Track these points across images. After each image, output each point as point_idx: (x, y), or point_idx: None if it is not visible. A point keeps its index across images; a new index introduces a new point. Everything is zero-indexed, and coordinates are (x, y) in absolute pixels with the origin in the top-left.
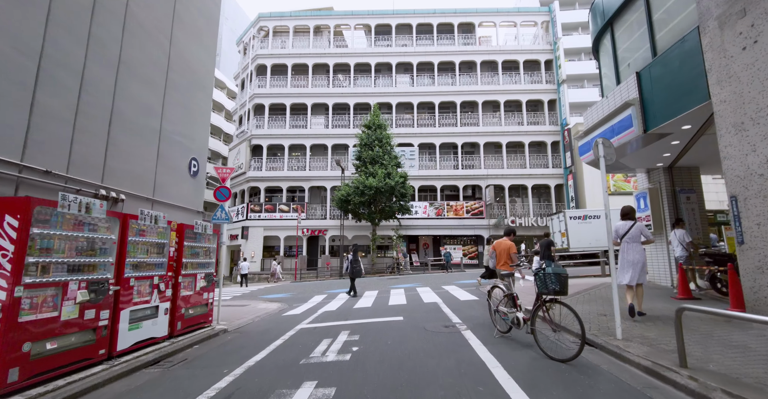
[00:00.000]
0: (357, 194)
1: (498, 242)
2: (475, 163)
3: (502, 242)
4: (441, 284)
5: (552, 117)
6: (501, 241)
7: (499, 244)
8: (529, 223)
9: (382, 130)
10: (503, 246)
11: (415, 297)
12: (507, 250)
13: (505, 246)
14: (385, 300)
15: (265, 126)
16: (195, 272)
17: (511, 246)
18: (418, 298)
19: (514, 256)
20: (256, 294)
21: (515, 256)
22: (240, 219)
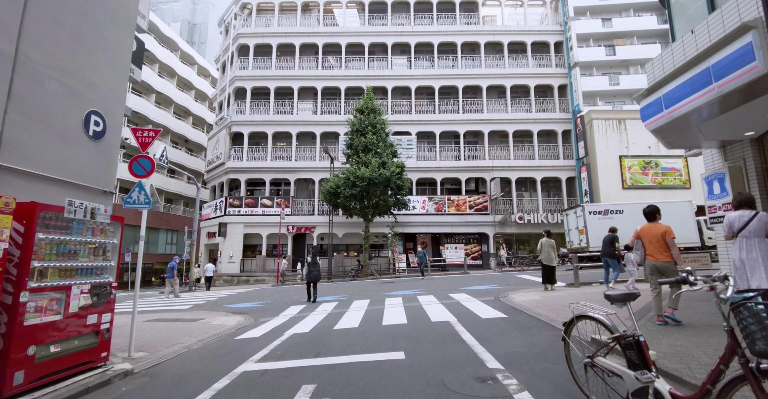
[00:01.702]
0: (348, 186)
1: (644, 227)
2: (479, 154)
3: (653, 227)
4: (447, 291)
5: (562, 104)
6: (650, 226)
7: (649, 230)
8: (538, 219)
9: (377, 115)
10: (655, 231)
11: (417, 312)
12: (662, 236)
13: (658, 231)
14: (378, 316)
15: (246, 111)
16: (66, 283)
17: (667, 230)
18: (422, 313)
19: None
20: (221, 303)
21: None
22: (218, 215)
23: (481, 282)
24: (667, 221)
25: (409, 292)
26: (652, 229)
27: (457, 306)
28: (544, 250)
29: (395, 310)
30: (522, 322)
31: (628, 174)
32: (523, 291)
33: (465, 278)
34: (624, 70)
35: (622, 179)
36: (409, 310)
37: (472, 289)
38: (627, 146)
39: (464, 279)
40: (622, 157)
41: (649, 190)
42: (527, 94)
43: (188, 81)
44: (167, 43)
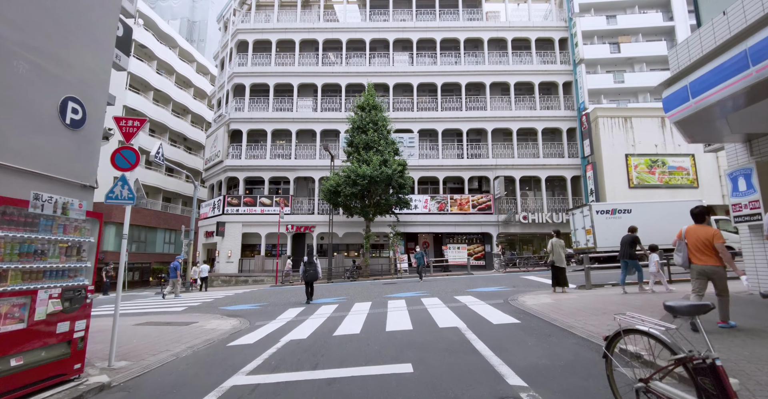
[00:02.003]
0: (348, 184)
1: (691, 229)
2: (482, 152)
3: (700, 229)
4: (452, 293)
5: (567, 101)
6: (696, 228)
7: (695, 231)
8: (542, 219)
9: (378, 112)
10: (703, 234)
11: (423, 316)
12: (710, 239)
13: (706, 233)
14: (381, 320)
15: (245, 108)
16: (32, 287)
17: (716, 233)
18: (428, 317)
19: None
20: (217, 305)
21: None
22: (216, 214)
23: (487, 283)
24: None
25: (413, 294)
26: (699, 231)
27: (465, 310)
28: (554, 251)
29: (399, 313)
30: (537, 328)
31: (634, 173)
32: (532, 293)
33: (469, 279)
34: (629, 68)
35: (628, 178)
36: (414, 314)
37: (479, 291)
38: (633, 144)
39: (468, 280)
40: (629, 156)
41: (656, 189)
42: (531, 92)
43: (187, 78)
44: (165, 39)
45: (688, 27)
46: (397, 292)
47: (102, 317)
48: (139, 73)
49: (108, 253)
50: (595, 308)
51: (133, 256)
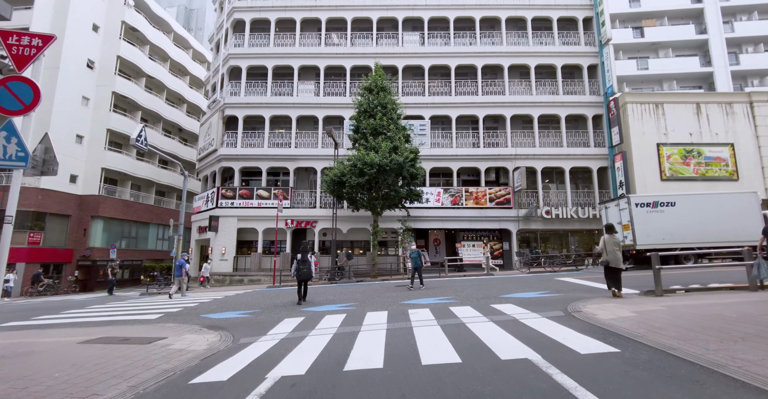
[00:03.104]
0: (354, 174)
1: None
2: (500, 141)
3: None
4: (484, 299)
5: (593, 86)
6: None
7: None
8: (567, 214)
9: (387, 94)
10: None
11: (466, 337)
12: None
13: None
14: (408, 341)
15: (241, 93)
16: None
17: None
18: (474, 340)
19: None
20: (200, 310)
21: None
22: (209, 207)
23: (521, 287)
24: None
25: (436, 300)
26: None
27: (520, 327)
28: (608, 249)
29: (430, 331)
30: (658, 363)
31: (666, 164)
32: (594, 302)
33: (493, 281)
34: (653, 54)
35: (660, 170)
36: (452, 332)
37: (519, 298)
38: (665, 133)
39: (493, 282)
40: (660, 145)
41: (691, 182)
42: (553, 76)
43: (182, 66)
44: (159, 24)
45: (717, 8)
46: (415, 298)
47: (57, 327)
48: (129, 57)
49: (95, 249)
50: (714, 327)
51: (123, 253)
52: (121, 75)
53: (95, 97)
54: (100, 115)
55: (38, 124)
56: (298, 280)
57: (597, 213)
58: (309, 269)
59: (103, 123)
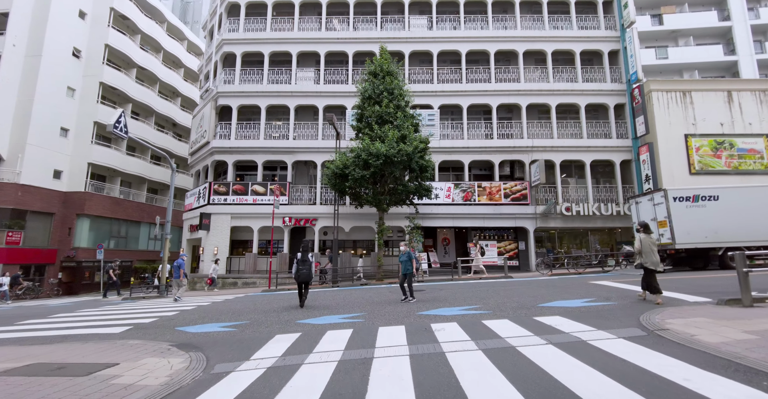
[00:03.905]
0: (358, 166)
1: None
2: (515, 132)
3: None
4: (520, 310)
5: (614, 73)
6: None
7: None
8: (588, 210)
9: (393, 79)
10: None
11: (528, 373)
12: None
13: None
14: (448, 382)
15: (235, 81)
16: None
17: None
18: (544, 379)
19: None
20: (177, 322)
21: None
22: (201, 204)
23: (556, 293)
24: None
25: (461, 310)
26: None
27: (595, 353)
28: (645, 250)
29: (473, 361)
30: None
31: (696, 156)
32: (670, 313)
33: (517, 286)
34: (672, 43)
35: (689, 163)
36: (505, 363)
37: (563, 308)
38: (694, 123)
39: (517, 287)
40: (689, 137)
41: (723, 175)
42: (571, 62)
43: (176, 58)
44: (152, 13)
45: None
46: (434, 307)
47: None
48: (119, 46)
49: (80, 249)
50: None
51: (112, 253)
52: (110, 65)
53: (82, 88)
54: (86, 107)
55: (19, 115)
56: (297, 282)
57: (622, 209)
58: (309, 270)
59: (90, 115)
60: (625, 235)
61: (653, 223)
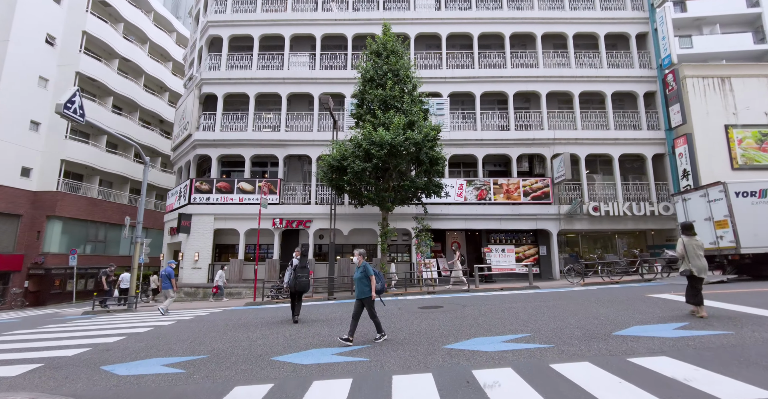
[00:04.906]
0: (358, 157)
1: None
2: (534, 123)
3: None
4: (590, 339)
5: (643, 58)
6: None
7: None
8: (618, 210)
9: (399, 58)
10: None
11: None
12: None
13: None
14: None
15: (222, 67)
16: None
17: None
18: None
19: None
20: (114, 353)
21: None
22: (182, 204)
23: (622, 312)
24: None
25: (507, 342)
26: None
27: None
28: (690, 254)
29: None
30: None
31: (738, 149)
32: None
33: (552, 299)
34: (696, 31)
35: (730, 156)
36: None
37: (655, 338)
38: (735, 113)
39: (555, 301)
40: (729, 127)
41: None
42: (594, 47)
43: (164, 50)
44: (137, 1)
45: None
46: (465, 334)
47: None
48: (98, 34)
49: (49, 255)
50: None
51: (88, 259)
52: (89, 54)
53: (56, 79)
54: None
55: None
56: (291, 291)
57: (657, 209)
58: (307, 278)
59: None
60: (658, 238)
61: (708, 224)
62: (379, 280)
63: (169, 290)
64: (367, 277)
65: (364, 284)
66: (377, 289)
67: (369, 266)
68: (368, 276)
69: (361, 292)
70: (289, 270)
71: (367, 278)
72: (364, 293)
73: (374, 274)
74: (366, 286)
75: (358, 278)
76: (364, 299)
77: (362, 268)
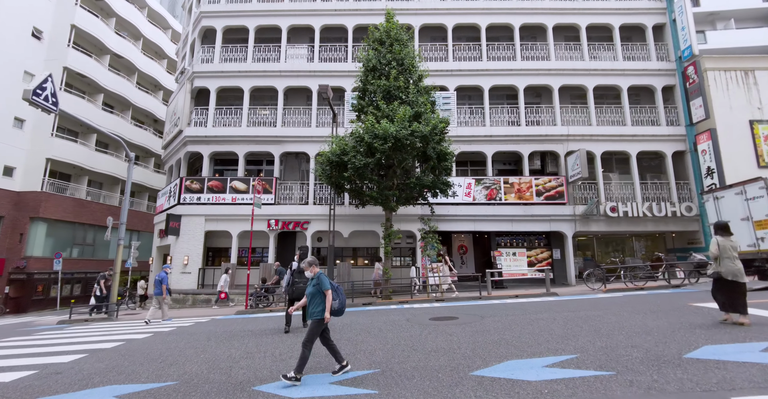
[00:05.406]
0: (360, 152)
1: None
2: (546, 119)
3: None
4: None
5: (660, 50)
6: None
7: None
8: (638, 211)
9: (403, 47)
10: None
11: None
12: None
13: None
14: None
15: (215, 59)
16: None
17: None
18: None
19: None
20: (65, 377)
21: None
22: (171, 204)
23: (677, 327)
24: None
25: (551, 367)
26: None
27: None
28: (723, 256)
29: None
30: None
31: (765, 146)
32: None
33: (581, 308)
34: (710, 27)
35: (756, 154)
36: None
37: (744, 365)
38: (760, 107)
39: (586, 311)
40: (755, 123)
41: None
42: (607, 39)
43: (159, 48)
44: None
45: None
46: (494, 356)
47: None
48: (88, 28)
49: (32, 259)
50: None
51: (74, 263)
52: (78, 49)
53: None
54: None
55: None
56: (289, 298)
57: (678, 209)
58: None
59: None
60: (679, 241)
61: (745, 224)
62: (337, 297)
63: (159, 296)
64: (321, 293)
65: (316, 303)
66: (333, 309)
67: (325, 278)
68: (325, 291)
69: (312, 314)
70: (288, 276)
71: (321, 294)
72: (316, 313)
73: (331, 289)
74: (318, 306)
75: (311, 294)
76: (317, 321)
77: (315, 281)
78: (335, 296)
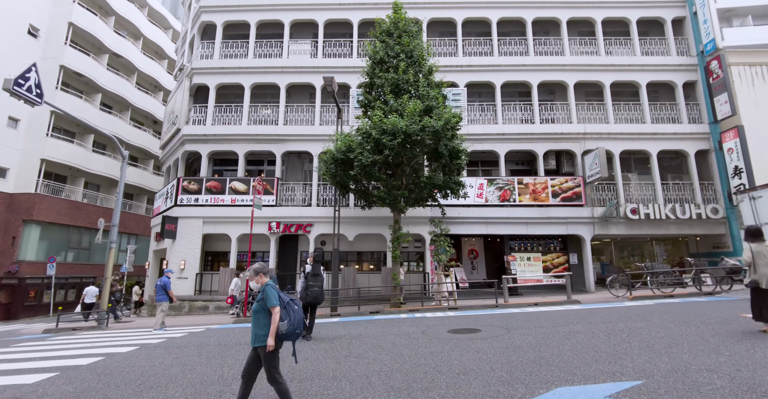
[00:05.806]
0: (368, 149)
1: None
2: (560, 116)
3: None
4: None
5: (681, 44)
6: None
7: None
8: (660, 213)
9: (413, 39)
10: None
11: None
12: None
13: None
14: None
15: (215, 55)
16: None
17: None
18: None
19: None
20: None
21: None
22: (168, 206)
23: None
24: None
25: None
26: None
27: None
28: (759, 263)
29: None
30: None
31: None
32: None
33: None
34: (725, 23)
35: None
36: None
37: None
38: None
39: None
40: None
41: None
42: (623, 34)
43: (159, 48)
44: None
45: None
46: (540, 381)
47: None
48: (86, 27)
49: (24, 263)
50: None
51: (69, 267)
52: (76, 48)
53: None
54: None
55: None
56: (304, 303)
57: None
58: (321, 288)
59: None
60: (703, 245)
61: None
62: (286, 316)
63: (164, 303)
64: (265, 310)
65: (260, 324)
66: (281, 332)
67: (272, 291)
68: (273, 307)
69: (256, 338)
70: (302, 279)
71: (265, 312)
72: (259, 339)
73: (280, 305)
74: (263, 329)
75: (254, 311)
76: (258, 348)
77: (261, 295)
78: (284, 315)
